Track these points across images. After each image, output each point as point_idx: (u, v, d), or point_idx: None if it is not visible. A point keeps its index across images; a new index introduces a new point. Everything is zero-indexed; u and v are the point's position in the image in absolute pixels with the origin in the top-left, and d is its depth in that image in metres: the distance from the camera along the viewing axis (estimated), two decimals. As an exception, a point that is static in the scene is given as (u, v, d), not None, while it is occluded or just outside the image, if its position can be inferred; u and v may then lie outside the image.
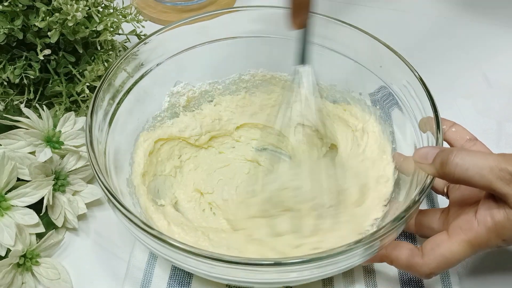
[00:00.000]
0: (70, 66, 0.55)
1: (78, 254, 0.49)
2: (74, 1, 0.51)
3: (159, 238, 0.37)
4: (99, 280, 0.48)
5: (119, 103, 0.50)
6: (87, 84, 0.54)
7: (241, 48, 0.57)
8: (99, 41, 0.56)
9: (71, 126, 0.51)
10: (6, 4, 0.49)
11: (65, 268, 0.47)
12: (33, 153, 0.48)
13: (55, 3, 0.51)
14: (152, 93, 0.54)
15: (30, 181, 0.46)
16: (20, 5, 0.50)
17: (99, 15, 0.55)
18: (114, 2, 0.59)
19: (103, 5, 0.57)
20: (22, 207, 0.46)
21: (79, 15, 0.51)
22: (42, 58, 0.52)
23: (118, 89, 0.50)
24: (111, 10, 0.58)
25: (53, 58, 0.54)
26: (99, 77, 0.56)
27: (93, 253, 0.49)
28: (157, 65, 0.54)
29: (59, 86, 0.55)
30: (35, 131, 0.49)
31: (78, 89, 0.54)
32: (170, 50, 0.54)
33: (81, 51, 0.54)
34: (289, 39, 0.50)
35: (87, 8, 0.53)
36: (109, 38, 0.55)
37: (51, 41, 0.52)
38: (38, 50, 0.52)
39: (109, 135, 0.48)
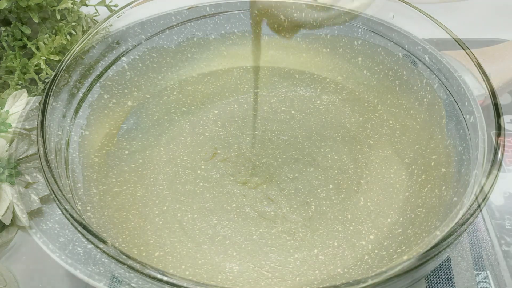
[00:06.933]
0: (25, 39, 0.47)
1: (31, 257, 0.42)
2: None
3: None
4: (56, 288, 0.40)
5: (89, 88, 0.43)
6: (44, 57, 0.47)
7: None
8: (59, 9, 0.48)
9: (22, 106, 0.43)
10: None
11: (13, 274, 0.40)
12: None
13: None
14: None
15: (-32, 170, 0.39)
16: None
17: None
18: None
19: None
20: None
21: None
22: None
23: (88, 69, 0.42)
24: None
25: (4, 29, 0.47)
26: (61, 52, 0.49)
27: (49, 256, 0.41)
28: (135, 46, 0.46)
29: (13, 62, 0.47)
30: (-23, 112, 0.41)
31: (33, 63, 0.46)
32: (148, 28, 0.46)
33: (37, 21, 0.47)
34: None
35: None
36: (70, 6, 0.47)
37: (0, 8, 0.44)
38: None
39: (75, 125, 0.41)
